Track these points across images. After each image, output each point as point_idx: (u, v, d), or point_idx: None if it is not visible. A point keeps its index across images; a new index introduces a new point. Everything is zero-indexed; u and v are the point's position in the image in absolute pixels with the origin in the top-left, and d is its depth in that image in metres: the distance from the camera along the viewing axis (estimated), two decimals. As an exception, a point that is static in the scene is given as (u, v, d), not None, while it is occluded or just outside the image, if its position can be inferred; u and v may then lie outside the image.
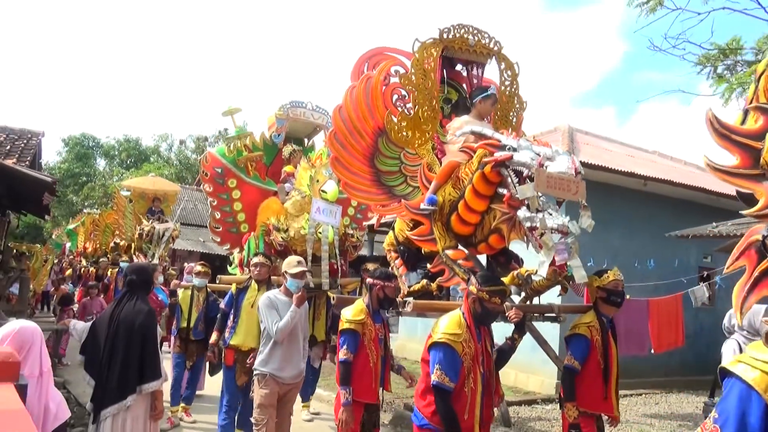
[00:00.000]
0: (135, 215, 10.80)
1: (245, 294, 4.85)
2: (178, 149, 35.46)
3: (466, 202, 3.53)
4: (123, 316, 3.32)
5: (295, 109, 7.00)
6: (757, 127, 1.51)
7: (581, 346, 3.23)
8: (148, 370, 3.28)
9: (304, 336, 4.20)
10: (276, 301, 4.05)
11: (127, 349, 3.25)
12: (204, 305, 5.93)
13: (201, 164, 6.26)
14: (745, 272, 1.55)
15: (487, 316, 2.91)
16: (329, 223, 5.45)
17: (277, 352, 3.99)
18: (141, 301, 3.42)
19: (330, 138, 4.16)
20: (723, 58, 5.69)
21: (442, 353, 2.74)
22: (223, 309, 4.93)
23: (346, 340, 3.53)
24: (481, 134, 3.45)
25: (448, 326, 2.81)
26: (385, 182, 4.20)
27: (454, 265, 3.60)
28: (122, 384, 3.21)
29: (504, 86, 4.50)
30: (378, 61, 4.47)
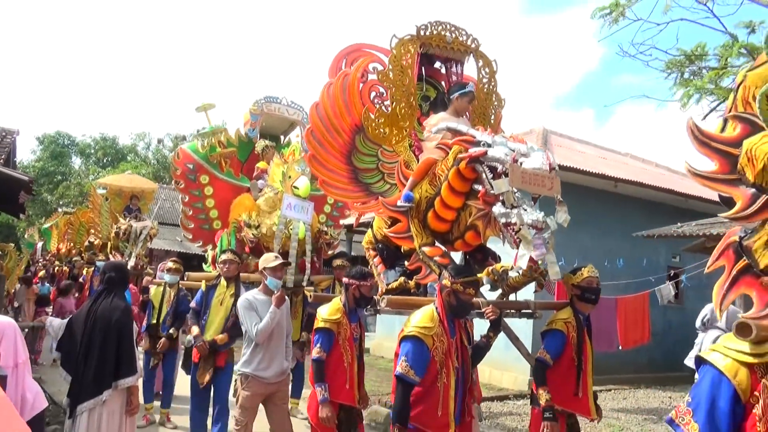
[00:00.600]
0: (111, 213, 10.65)
1: (214, 291, 4.85)
2: (155, 148, 35.68)
3: (442, 198, 3.61)
4: (100, 312, 3.41)
5: (270, 104, 7.01)
6: (735, 134, 1.62)
7: (556, 342, 3.34)
8: (124, 365, 3.38)
9: (287, 333, 4.22)
10: (254, 301, 4.07)
11: (103, 344, 3.34)
12: (174, 301, 5.92)
13: (173, 160, 6.21)
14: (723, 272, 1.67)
15: (461, 308, 2.99)
16: (300, 220, 5.49)
17: (259, 352, 4.02)
18: (118, 298, 3.53)
19: (307, 135, 4.20)
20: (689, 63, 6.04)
21: (411, 346, 2.82)
22: (194, 307, 4.92)
23: (320, 339, 3.59)
24: (456, 130, 3.53)
25: (420, 320, 2.89)
26: (362, 180, 4.25)
27: (430, 262, 3.67)
28: (98, 379, 3.31)
29: (482, 83, 4.58)
30: (356, 58, 4.52)
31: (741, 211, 1.58)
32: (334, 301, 3.83)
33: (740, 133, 1.61)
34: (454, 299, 2.95)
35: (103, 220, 11.15)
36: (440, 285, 3.05)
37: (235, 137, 7.11)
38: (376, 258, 4.67)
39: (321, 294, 4.85)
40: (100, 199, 11.39)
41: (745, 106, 1.65)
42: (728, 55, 5.70)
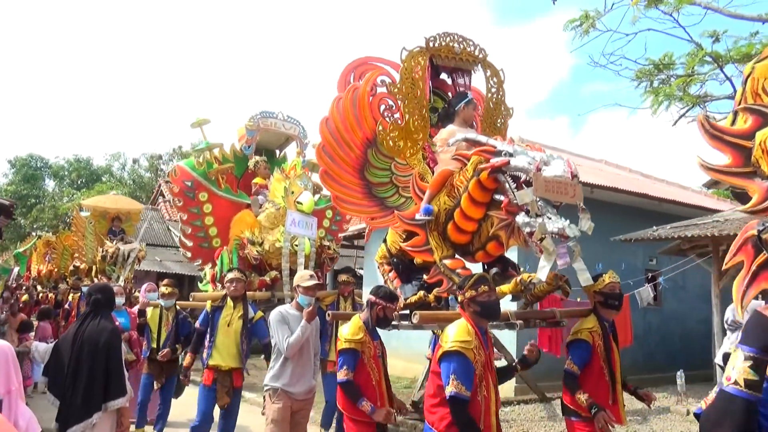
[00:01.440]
0: (96, 236, 10.51)
1: (221, 312, 4.88)
2: (131, 168, 35.84)
3: (462, 210, 3.69)
4: (87, 334, 3.46)
5: (266, 119, 7.08)
6: (746, 127, 1.64)
7: (581, 352, 3.42)
8: (113, 387, 3.43)
9: (315, 352, 4.27)
10: (287, 315, 4.14)
11: (92, 366, 3.38)
12: (173, 323, 5.90)
13: (170, 178, 6.22)
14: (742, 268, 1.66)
15: (489, 309, 3.01)
16: (305, 236, 5.55)
17: (288, 368, 4.07)
18: (105, 319, 3.58)
19: (318, 151, 4.26)
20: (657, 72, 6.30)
21: (456, 362, 2.81)
22: (198, 328, 4.92)
23: (345, 360, 3.58)
24: (476, 141, 3.63)
25: (457, 334, 2.92)
26: (376, 194, 4.33)
27: (452, 274, 3.75)
28: (87, 401, 3.35)
29: (491, 93, 4.71)
30: (363, 71, 4.61)
31: (758, 204, 1.57)
32: (355, 319, 3.86)
33: (752, 125, 1.62)
34: (477, 306, 2.98)
35: (87, 243, 11.01)
36: (464, 298, 3.10)
37: (230, 153, 7.15)
38: (391, 272, 4.74)
39: (339, 312, 4.89)
40: (84, 221, 11.25)
41: (755, 97, 1.67)
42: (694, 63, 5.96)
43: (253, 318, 4.91)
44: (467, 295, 3.00)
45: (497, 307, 3.07)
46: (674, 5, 5.73)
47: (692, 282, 10.32)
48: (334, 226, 7.24)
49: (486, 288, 3.00)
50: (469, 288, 3.00)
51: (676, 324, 10.60)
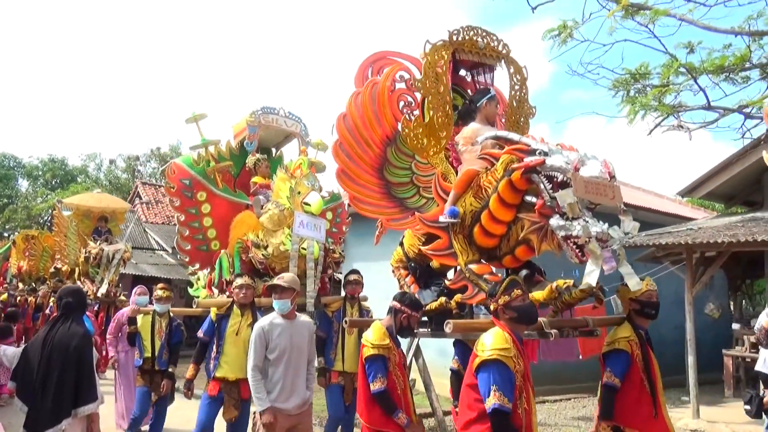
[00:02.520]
0: (79, 236, 10.26)
1: (228, 321, 4.77)
2: (107, 169, 35.78)
3: (490, 212, 3.65)
4: (58, 338, 3.49)
5: (267, 115, 6.97)
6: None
7: (621, 362, 3.38)
8: (83, 392, 3.46)
9: (309, 360, 4.15)
10: (270, 329, 3.98)
11: (62, 371, 3.41)
12: (167, 331, 5.76)
13: (166, 176, 6.07)
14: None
15: (526, 314, 2.96)
16: (314, 238, 5.45)
17: (278, 382, 3.94)
18: (76, 323, 3.61)
19: (335, 148, 4.19)
20: (634, 82, 6.50)
21: (497, 371, 2.74)
22: (202, 338, 4.80)
23: (377, 368, 3.54)
24: (507, 139, 3.59)
25: (495, 341, 2.86)
26: (395, 194, 4.28)
27: (479, 280, 3.70)
28: (57, 407, 3.36)
29: (514, 90, 4.70)
30: (381, 66, 4.57)
31: None
32: (376, 325, 3.81)
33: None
34: (512, 312, 2.94)
35: (70, 244, 10.76)
36: (497, 305, 3.04)
37: (226, 150, 7.01)
38: (408, 277, 4.69)
39: (358, 320, 4.81)
40: (66, 221, 10.98)
41: None
42: (669, 74, 6.14)
43: None
44: (501, 301, 2.95)
45: (533, 311, 3.04)
46: (650, 17, 5.90)
47: (666, 289, 10.45)
48: (334, 228, 7.14)
49: (519, 292, 2.96)
50: (502, 293, 2.96)
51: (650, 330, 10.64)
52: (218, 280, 5.92)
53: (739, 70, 5.96)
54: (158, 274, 15.54)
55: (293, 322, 4.06)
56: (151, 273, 15.17)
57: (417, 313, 3.77)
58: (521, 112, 4.78)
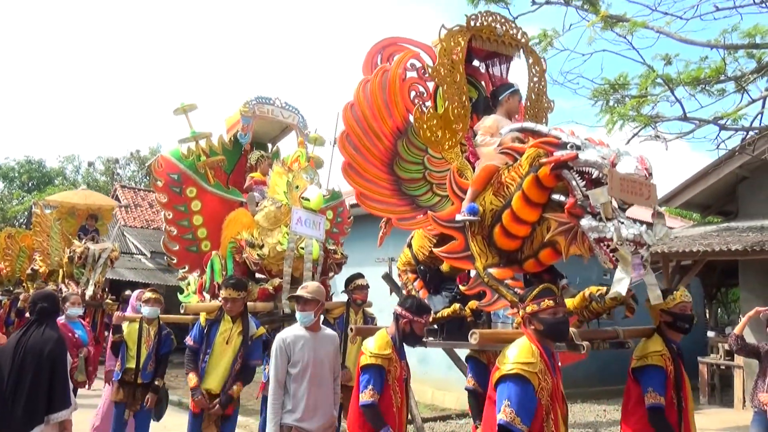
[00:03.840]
0: (63, 236, 9.95)
1: (218, 327, 4.55)
2: (85, 171, 36.05)
3: (513, 211, 3.48)
4: (30, 344, 3.52)
5: (262, 105, 6.78)
6: None
7: (660, 379, 3.21)
8: (57, 398, 3.50)
9: (335, 376, 3.94)
10: (292, 341, 3.78)
11: (35, 377, 3.44)
12: (155, 340, 5.51)
13: (152, 170, 5.84)
14: None
15: (555, 329, 2.82)
16: (312, 237, 5.26)
17: (302, 399, 3.71)
18: (50, 328, 3.65)
19: (341, 140, 4.01)
20: (613, 92, 6.87)
21: (514, 386, 2.60)
22: (192, 345, 4.57)
23: (371, 378, 3.39)
24: (534, 131, 3.41)
25: (519, 354, 2.70)
26: (406, 191, 4.09)
27: (500, 285, 3.52)
28: (29, 414, 3.39)
29: (532, 83, 4.55)
30: (391, 53, 4.40)
31: None
32: (381, 333, 3.64)
33: None
34: (540, 324, 2.78)
35: (53, 243, 10.42)
36: (523, 317, 2.86)
37: (218, 144, 6.80)
38: (416, 281, 4.52)
39: (364, 327, 4.62)
40: (49, 219, 10.66)
41: None
42: (647, 85, 6.53)
43: (254, 335, 4.57)
44: (528, 310, 2.78)
45: (564, 327, 2.87)
46: (629, 28, 6.29)
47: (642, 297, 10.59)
48: (335, 229, 6.94)
49: (551, 303, 2.79)
50: (531, 302, 2.78)
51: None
52: (209, 283, 5.71)
53: (714, 82, 6.37)
54: (137, 278, 15.47)
55: (317, 335, 3.88)
56: (130, 278, 15.07)
57: (421, 318, 3.58)
58: (539, 107, 4.62)
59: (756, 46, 6.19)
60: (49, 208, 11.00)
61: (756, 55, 6.40)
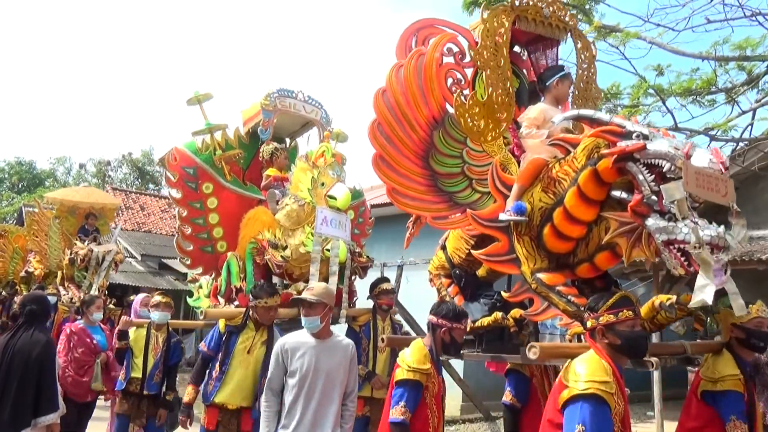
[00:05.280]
0: (63, 236, 9.73)
1: (238, 336, 4.29)
2: (77, 173, 36.57)
3: (566, 209, 3.18)
4: (19, 346, 3.57)
5: (284, 99, 6.50)
6: None
7: (741, 406, 2.95)
8: (44, 402, 3.54)
9: (349, 390, 3.62)
10: (293, 347, 3.49)
11: (22, 380, 3.49)
12: (163, 348, 5.28)
13: (166, 164, 5.57)
14: None
15: (634, 344, 2.53)
16: (338, 237, 4.99)
17: (294, 414, 3.41)
18: (39, 331, 3.72)
19: (372, 129, 3.73)
20: (605, 101, 7.02)
21: (591, 409, 2.28)
22: (206, 352, 4.32)
23: (407, 394, 3.11)
24: (593, 119, 3.09)
25: (592, 371, 2.39)
26: (443, 187, 3.80)
27: (551, 292, 3.22)
28: (15, 417, 3.43)
29: (581, 70, 4.24)
30: (427, 36, 4.12)
31: None
32: (418, 345, 3.35)
33: None
34: (616, 337, 2.49)
35: (52, 244, 10.14)
36: (597, 328, 2.55)
37: (234, 138, 6.54)
38: (450, 287, 4.22)
39: (397, 336, 4.33)
40: (48, 218, 10.44)
41: None
42: (638, 95, 6.84)
43: None
44: (603, 322, 2.46)
45: (645, 342, 2.60)
46: (621, 39, 6.58)
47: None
48: (356, 230, 6.64)
49: (630, 314, 2.50)
50: (606, 312, 2.46)
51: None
52: (225, 287, 5.41)
53: (705, 93, 6.64)
54: (127, 281, 15.51)
55: (325, 343, 3.55)
56: (120, 281, 14.96)
57: (460, 324, 3.32)
58: (588, 96, 4.28)
59: (746, 58, 6.46)
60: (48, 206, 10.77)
61: (746, 68, 6.67)
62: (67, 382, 5.45)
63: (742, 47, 6.32)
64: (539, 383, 3.98)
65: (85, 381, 5.59)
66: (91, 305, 5.92)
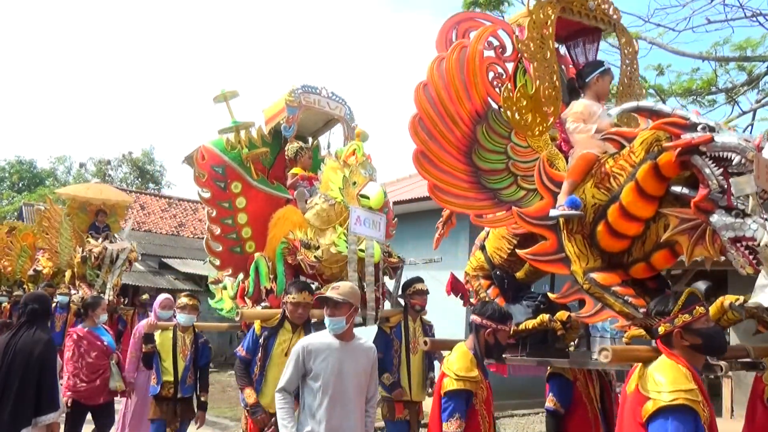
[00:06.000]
0: (75, 233, 9.66)
1: (276, 338, 4.23)
2: (77, 173, 36.78)
3: (622, 206, 3.07)
4: (20, 345, 3.60)
5: (308, 95, 6.40)
6: None
7: None
8: (44, 401, 3.56)
9: (369, 396, 3.48)
10: (314, 348, 3.37)
11: (23, 379, 3.52)
12: (192, 349, 5.21)
13: (195, 162, 5.49)
14: None
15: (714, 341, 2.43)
16: (373, 238, 4.90)
17: (321, 420, 3.29)
18: (40, 330, 3.75)
19: (413, 124, 3.62)
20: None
21: (683, 423, 2.15)
22: (244, 356, 4.26)
23: (456, 406, 3.03)
24: (653, 111, 2.98)
25: (675, 379, 2.27)
26: (487, 184, 3.68)
27: (605, 293, 3.09)
28: (16, 416, 3.45)
29: (624, 65, 4.14)
30: (467, 29, 4.00)
31: None
32: (462, 350, 3.25)
33: None
34: (695, 337, 2.37)
35: (63, 241, 10.10)
36: (672, 327, 2.42)
37: (257, 137, 6.46)
38: (490, 288, 4.10)
39: (440, 339, 4.23)
40: (60, 215, 10.37)
41: None
42: None
43: None
44: (678, 322, 2.35)
45: (722, 337, 2.47)
46: None
47: None
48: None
49: (702, 310, 2.37)
50: (680, 312, 2.34)
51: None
52: (254, 288, 5.33)
53: (705, 93, 6.76)
54: (127, 281, 15.50)
55: (348, 345, 3.45)
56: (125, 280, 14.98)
57: (505, 326, 3.24)
58: (632, 93, 4.17)
59: (747, 58, 6.52)
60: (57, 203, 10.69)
61: (747, 68, 6.73)
62: (78, 390, 5.36)
63: (742, 47, 6.40)
64: (583, 386, 3.87)
65: (98, 385, 5.46)
66: (97, 307, 5.82)
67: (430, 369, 5.27)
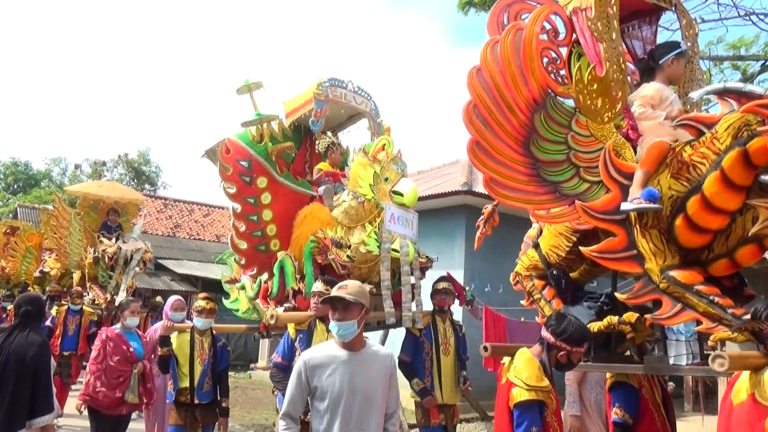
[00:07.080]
0: (86, 233, 9.41)
1: (311, 340, 4.11)
2: (72, 174, 36.63)
3: (705, 197, 2.86)
4: (14, 347, 3.60)
5: (335, 89, 6.18)
6: None
7: None
8: (39, 403, 3.57)
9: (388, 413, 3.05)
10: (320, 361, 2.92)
11: (17, 382, 3.52)
12: (210, 354, 5.00)
13: (220, 156, 5.25)
14: None
15: None
16: (406, 236, 4.70)
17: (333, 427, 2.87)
18: (34, 332, 3.76)
19: (467, 112, 3.40)
20: None
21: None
22: (280, 362, 4.07)
23: (532, 419, 2.81)
24: (743, 93, 2.76)
25: None
26: (547, 176, 3.45)
27: (687, 292, 2.88)
28: (10, 418, 3.46)
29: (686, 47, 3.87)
30: (519, 11, 3.77)
31: None
32: (529, 358, 3.01)
33: None
34: None
35: (72, 241, 9.84)
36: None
37: (278, 131, 6.24)
38: (545, 289, 3.87)
39: (500, 345, 4.02)
40: (69, 215, 10.11)
41: None
42: None
43: None
44: None
45: None
46: None
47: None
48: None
49: None
50: None
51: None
52: (278, 288, 5.10)
53: None
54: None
55: (358, 355, 2.96)
56: None
57: (581, 348, 2.94)
58: (692, 77, 3.95)
59: (741, 57, 6.65)
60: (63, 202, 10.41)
61: (741, 67, 6.82)
62: (96, 395, 5.04)
63: (736, 47, 6.54)
64: (648, 393, 3.64)
65: (118, 396, 5.10)
66: (126, 309, 5.51)
67: (462, 368, 5.08)
